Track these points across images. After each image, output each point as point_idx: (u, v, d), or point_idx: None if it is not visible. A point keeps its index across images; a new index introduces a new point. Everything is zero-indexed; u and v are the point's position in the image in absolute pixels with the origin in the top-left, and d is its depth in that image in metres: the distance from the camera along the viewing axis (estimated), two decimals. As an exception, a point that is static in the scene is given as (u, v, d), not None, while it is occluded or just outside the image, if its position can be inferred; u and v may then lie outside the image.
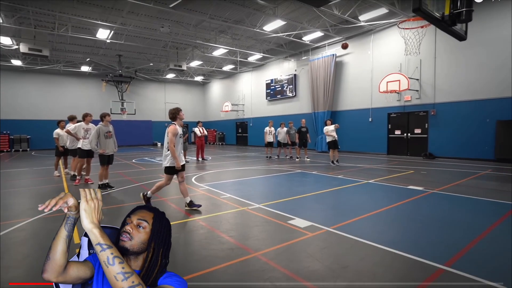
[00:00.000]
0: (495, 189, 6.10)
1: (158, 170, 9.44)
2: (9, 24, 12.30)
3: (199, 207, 4.81)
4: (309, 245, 3.25)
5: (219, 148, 22.01)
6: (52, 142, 9.29)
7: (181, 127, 4.93)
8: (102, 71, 21.71)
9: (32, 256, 3.15)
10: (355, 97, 15.24)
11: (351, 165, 10.32)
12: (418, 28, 10.27)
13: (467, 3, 4.02)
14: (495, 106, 10.49)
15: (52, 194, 6.32)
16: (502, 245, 3.21)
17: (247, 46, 17.75)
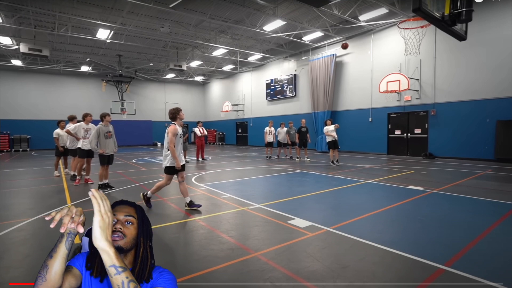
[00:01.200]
0: (495, 189, 6.09)
1: (158, 170, 9.44)
2: (9, 24, 12.30)
3: (199, 207, 4.81)
4: (309, 245, 3.25)
5: (219, 148, 22.01)
6: (52, 142, 9.29)
7: (181, 127, 4.93)
8: (102, 71, 21.70)
9: (32, 256, 3.14)
10: (355, 97, 15.24)
11: (351, 165, 10.32)
12: (418, 28, 10.27)
13: (467, 3, 4.02)
14: (495, 106, 10.49)
15: (52, 194, 6.32)
16: (502, 245, 3.21)
17: (247, 46, 17.75)
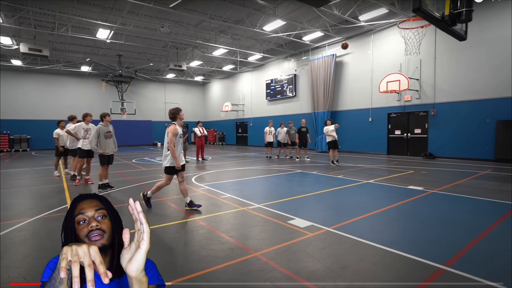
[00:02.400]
0: (495, 189, 6.09)
1: (158, 170, 9.44)
2: (9, 24, 12.30)
3: (199, 207, 4.81)
4: (309, 245, 3.25)
5: (219, 148, 22.01)
6: (52, 142, 9.29)
7: (181, 127, 4.93)
8: (102, 71, 21.70)
9: (32, 256, 3.14)
10: (355, 97, 15.23)
11: (351, 165, 10.32)
12: (418, 28, 10.27)
13: (467, 3, 4.03)
14: (495, 106, 10.49)
15: (52, 194, 6.33)
16: (502, 245, 3.21)
17: (247, 46, 17.75)
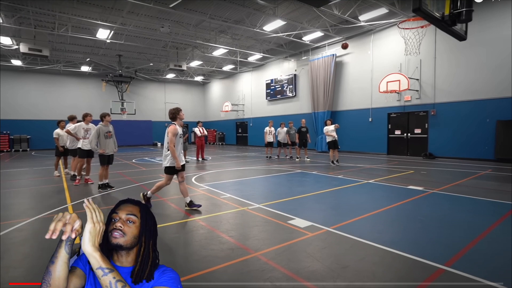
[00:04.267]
0: (495, 189, 6.09)
1: (158, 170, 9.44)
2: (9, 24, 12.30)
3: (199, 207, 4.81)
4: (309, 245, 3.25)
5: (219, 148, 22.01)
6: (52, 142, 9.29)
7: (181, 127, 4.93)
8: (102, 71, 21.70)
9: (32, 256, 3.14)
10: (355, 97, 15.23)
11: (351, 165, 10.32)
12: (418, 28, 10.26)
13: (467, 3, 4.02)
14: (495, 106, 10.49)
15: (52, 194, 6.32)
16: (502, 245, 3.21)
17: (247, 46, 17.75)
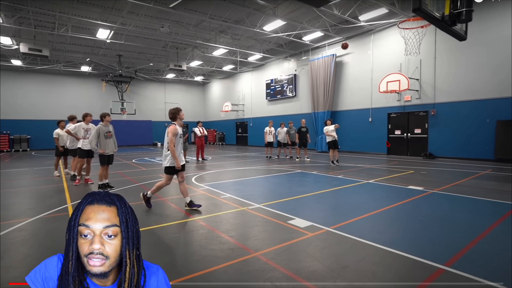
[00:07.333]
0: (495, 189, 6.09)
1: (158, 170, 9.44)
2: (9, 24, 12.29)
3: (199, 207, 4.81)
4: (309, 245, 3.25)
5: (219, 148, 22.01)
6: (52, 142, 9.29)
7: (181, 127, 4.93)
8: (102, 71, 21.71)
9: (32, 256, 3.14)
10: (355, 97, 15.23)
11: (351, 165, 10.32)
12: (418, 28, 10.26)
13: (467, 3, 4.03)
14: (495, 106, 10.49)
15: (52, 194, 6.35)
16: (502, 245, 3.21)
17: (247, 46, 17.75)
